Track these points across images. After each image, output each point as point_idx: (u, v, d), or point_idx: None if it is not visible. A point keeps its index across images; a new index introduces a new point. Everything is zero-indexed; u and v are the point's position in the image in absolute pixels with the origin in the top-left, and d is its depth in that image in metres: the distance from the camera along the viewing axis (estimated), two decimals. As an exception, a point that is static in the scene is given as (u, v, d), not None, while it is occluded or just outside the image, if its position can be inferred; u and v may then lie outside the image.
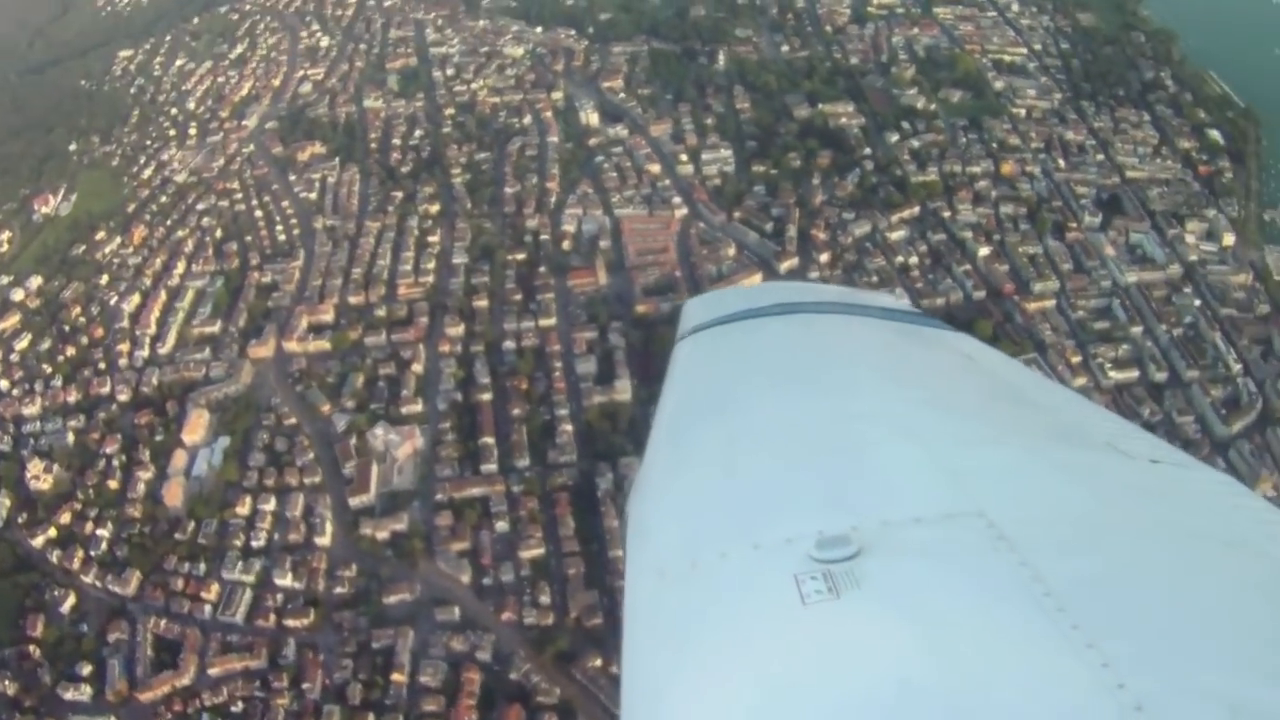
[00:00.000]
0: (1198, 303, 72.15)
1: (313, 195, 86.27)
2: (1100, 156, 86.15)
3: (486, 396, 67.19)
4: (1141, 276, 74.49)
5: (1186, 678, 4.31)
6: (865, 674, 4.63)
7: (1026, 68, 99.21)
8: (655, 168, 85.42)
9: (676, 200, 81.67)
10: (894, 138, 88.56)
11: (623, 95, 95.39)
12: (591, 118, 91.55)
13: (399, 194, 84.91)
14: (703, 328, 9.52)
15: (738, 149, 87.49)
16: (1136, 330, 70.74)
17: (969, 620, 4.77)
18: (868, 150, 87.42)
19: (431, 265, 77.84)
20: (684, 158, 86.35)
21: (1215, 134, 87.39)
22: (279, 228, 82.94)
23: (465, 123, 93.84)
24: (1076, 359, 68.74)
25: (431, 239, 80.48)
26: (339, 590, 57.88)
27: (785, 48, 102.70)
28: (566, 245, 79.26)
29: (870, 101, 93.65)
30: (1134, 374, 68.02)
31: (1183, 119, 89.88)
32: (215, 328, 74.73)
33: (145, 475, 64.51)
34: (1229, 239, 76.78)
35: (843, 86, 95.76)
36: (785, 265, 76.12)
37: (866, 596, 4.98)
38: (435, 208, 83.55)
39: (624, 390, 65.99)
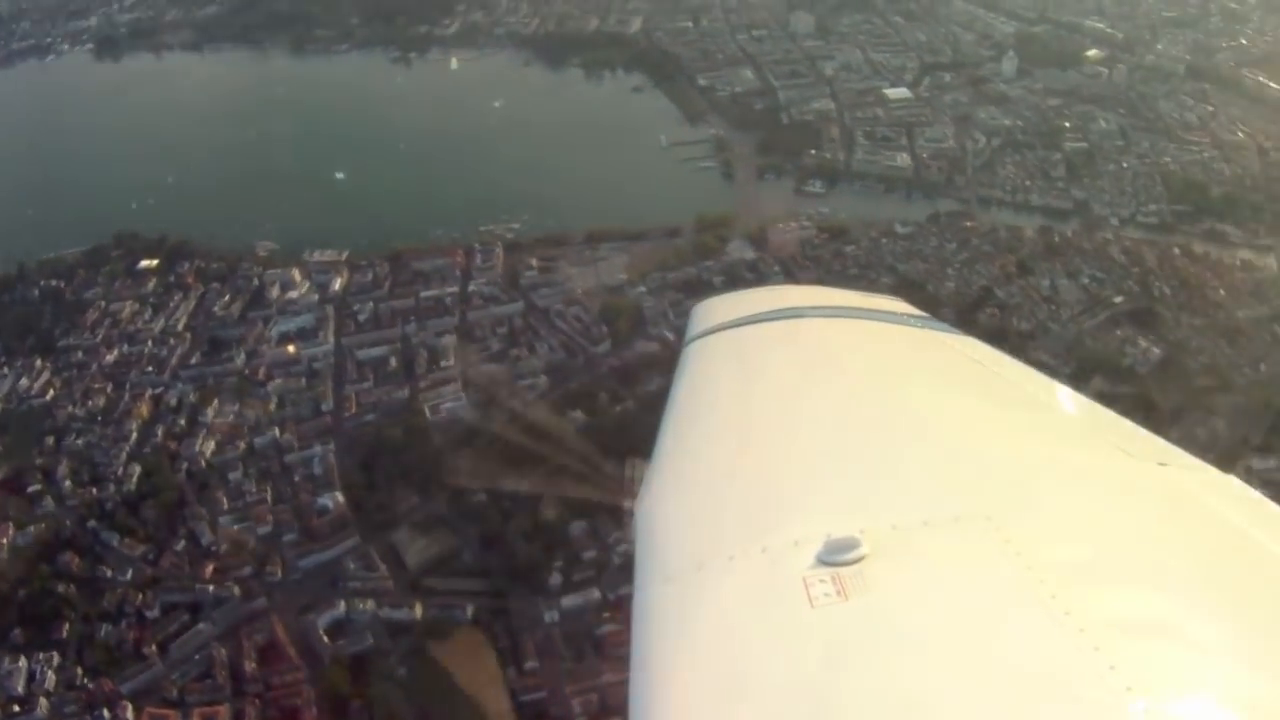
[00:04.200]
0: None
1: None
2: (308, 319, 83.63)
3: None
4: (535, 310, 77.28)
5: (1195, 681, 4.35)
6: (874, 677, 4.62)
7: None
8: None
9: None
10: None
11: None
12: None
13: None
14: (711, 331, 9.39)
15: None
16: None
17: (977, 624, 4.79)
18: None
19: None
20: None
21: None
22: None
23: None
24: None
25: None
26: None
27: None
28: None
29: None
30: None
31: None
32: None
33: None
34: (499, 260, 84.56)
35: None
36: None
37: (875, 599, 4.97)
38: None
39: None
